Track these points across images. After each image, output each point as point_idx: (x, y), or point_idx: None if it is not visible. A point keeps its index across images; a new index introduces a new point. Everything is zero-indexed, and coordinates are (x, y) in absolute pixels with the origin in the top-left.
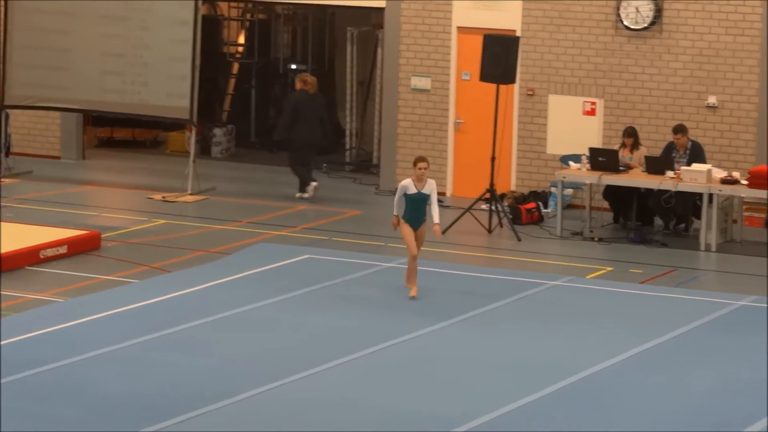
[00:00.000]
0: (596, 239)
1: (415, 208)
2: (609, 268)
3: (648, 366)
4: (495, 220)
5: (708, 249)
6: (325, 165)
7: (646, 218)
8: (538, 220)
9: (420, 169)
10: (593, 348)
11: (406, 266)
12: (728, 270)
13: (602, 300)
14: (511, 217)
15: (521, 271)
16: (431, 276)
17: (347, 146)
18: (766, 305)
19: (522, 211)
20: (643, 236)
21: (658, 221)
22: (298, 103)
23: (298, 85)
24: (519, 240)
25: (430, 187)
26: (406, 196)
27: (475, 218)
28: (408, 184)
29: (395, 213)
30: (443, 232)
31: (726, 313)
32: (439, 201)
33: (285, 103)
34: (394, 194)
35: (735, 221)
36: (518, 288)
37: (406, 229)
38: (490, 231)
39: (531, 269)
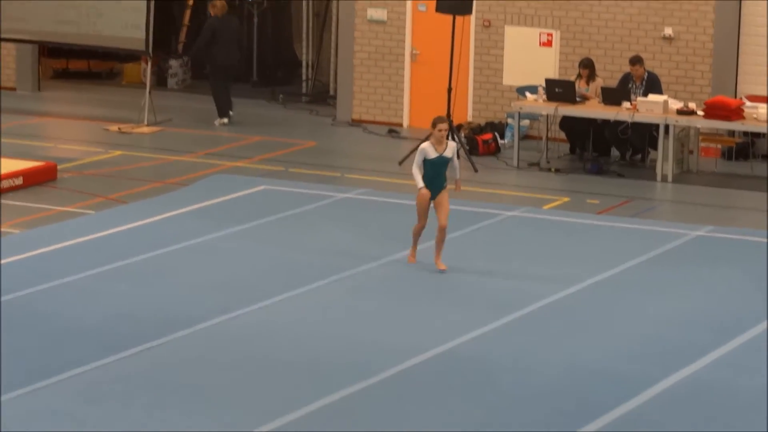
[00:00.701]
0: (553, 170)
1: (436, 173)
2: (565, 199)
3: (604, 296)
4: None
5: (664, 180)
6: (281, 96)
7: (602, 149)
8: (495, 151)
9: (440, 131)
10: (549, 279)
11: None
12: (684, 200)
13: (558, 231)
14: (467, 148)
15: (478, 201)
16: (388, 207)
17: (304, 78)
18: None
19: (479, 142)
20: (600, 167)
21: (615, 152)
22: (216, 29)
23: (211, 12)
24: (476, 171)
25: (452, 150)
26: (426, 162)
27: None
28: (428, 148)
29: (420, 185)
30: (400, 164)
31: (682, 243)
32: (396, 132)
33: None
34: (351, 126)
35: (691, 152)
36: (475, 219)
37: (422, 199)
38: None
39: (487, 200)
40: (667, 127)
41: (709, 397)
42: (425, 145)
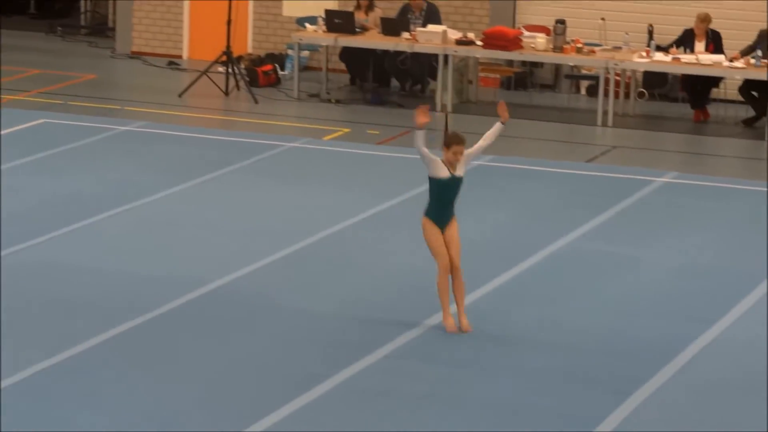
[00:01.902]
0: (333, 101)
1: (446, 198)
2: (346, 130)
3: (384, 227)
4: (232, 82)
5: (444, 109)
6: (59, 28)
7: (382, 80)
8: (275, 82)
9: (455, 155)
10: (329, 210)
11: (437, 283)
12: (464, 130)
13: (339, 161)
14: (247, 79)
15: (259, 133)
16: (168, 139)
17: (82, 9)
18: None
19: (259, 73)
20: (380, 97)
21: (395, 83)
22: None
23: None
24: (256, 102)
25: (464, 166)
26: (435, 182)
27: (212, 81)
28: (439, 164)
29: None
30: (180, 95)
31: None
32: (175, 64)
33: None
34: (130, 58)
35: (470, 82)
36: (256, 150)
37: (433, 232)
38: (227, 94)
39: (268, 131)
40: (446, 57)
41: (486, 325)
42: (437, 159)
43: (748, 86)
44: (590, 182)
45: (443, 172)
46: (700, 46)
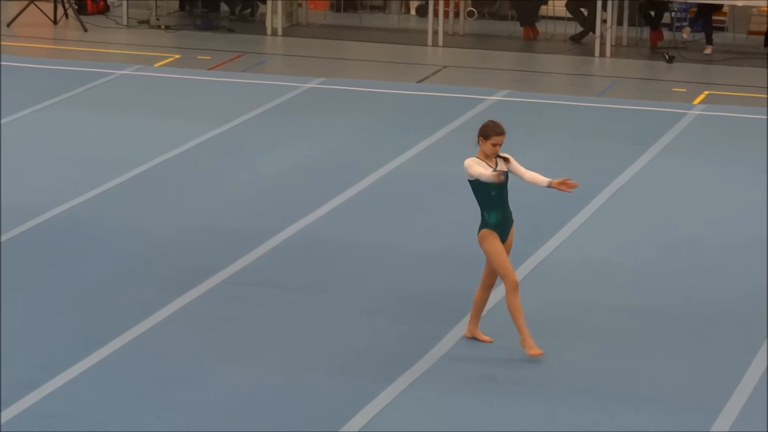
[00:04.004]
0: (163, 27)
1: (503, 199)
2: (177, 56)
3: (218, 151)
4: (60, 11)
5: (274, 33)
6: None
7: (212, 5)
8: (105, 9)
9: (494, 146)
10: (164, 136)
11: (478, 303)
12: (295, 53)
13: (171, 88)
14: (76, 7)
15: (89, 61)
16: None
17: None
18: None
19: (87, 1)
20: (210, 22)
21: (225, 7)
22: None
23: None
24: (85, 30)
25: (505, 161)
26: (481, 186)
27: (40, 9)
28: (481, 165)
29: (488, 173)
30: (8, 25)
31: (294, 95)
32: None
33: None
34: None
35: (300, 5)
36: (86, 79)
37: (495, 244)
38: (55, 22)
39: (98, 59)
40: None
41: (322, 248)
42: (473, 161)
43: (575, 3)
44: (422, 102)
45: (489, 172)
46: None
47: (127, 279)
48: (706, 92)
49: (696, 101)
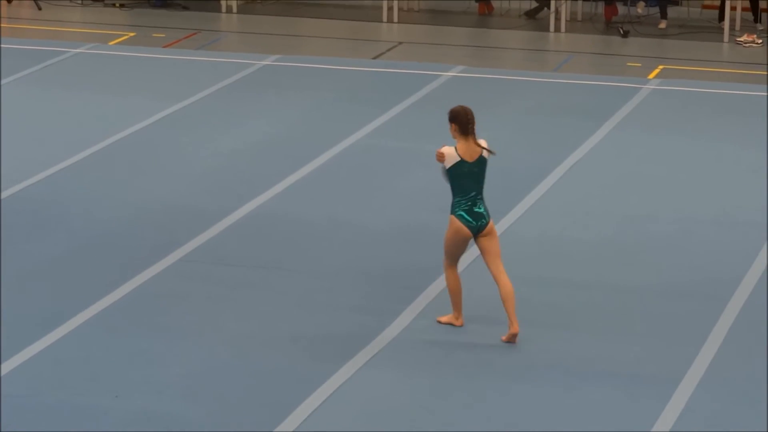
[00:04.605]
0: (117, 5)
1: (475, 188)
2: (131, 34)
3: (174, 129)
4: None
5: (229, 11)
6: None
7: None
8: None
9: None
10: (119, 115)
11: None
12: (251, 31)
13: (126, 66)
14: None
15: (43, 40)
16: None
17: None
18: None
19: None
20: (164, 0)
21: None
22: None
23: None
24: (39, 9)
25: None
26: (455, 172)
27: None
28: (452, 153)
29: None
30: None
31: (250, 73)
32: None
33: None
34: None
35: None
36: (41, 57)
37: (456, 233)
38: (9, 1)
39: (53, 38)
40: None
41: (279, 225)
42: (446, 149)
43: None
44: (377, 78)
45: (455, 159)
46: None
47: (85, 258)
48: (661, 66)
49: (651, 75)
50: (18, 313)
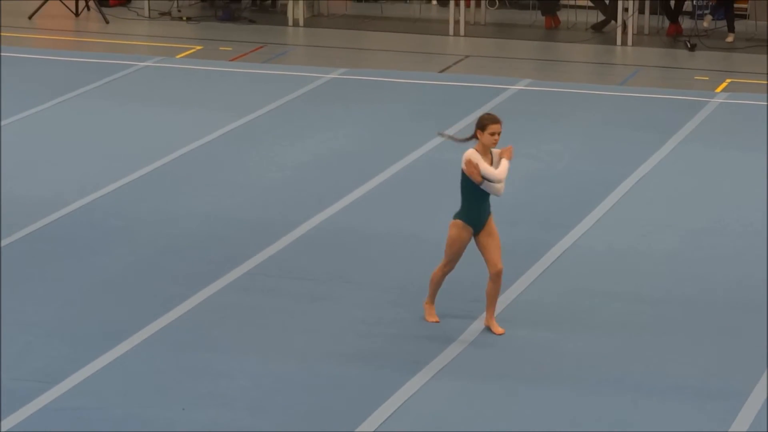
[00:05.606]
0: (185, 18)
1: (483, 195)
2: (198, 47)
3: (241, 142)
4: (82, 3)
5: (296, 24)
6: None
7: None
8: (126, 1)
9: (492, 135)
10: (186, 128)
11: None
12: (317, 44)
13: (193, 80)
14: (98, 0)
15: (111, 53)
16: (19, 62)
17: None
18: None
19: None
20: (231, 13)
21: None
22: None
23: None
24: (107, 22)
25: (497, 158)
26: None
27: (61, 1)
28: (476, 157)
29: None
30: (30, 17)
31: (316, 86)
32: None
33: None
34: None
35: None
36: (108, 71)
37: (460, 235)
38: (77, 15)
39: (120, 51)
40: None
41: (345, 238)
42: (472, 153)
43: None
44: (444, 92)
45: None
46: None
47: (151, 271)
48: (728, 80)
49: (718, 89)
50: (85, 325)
